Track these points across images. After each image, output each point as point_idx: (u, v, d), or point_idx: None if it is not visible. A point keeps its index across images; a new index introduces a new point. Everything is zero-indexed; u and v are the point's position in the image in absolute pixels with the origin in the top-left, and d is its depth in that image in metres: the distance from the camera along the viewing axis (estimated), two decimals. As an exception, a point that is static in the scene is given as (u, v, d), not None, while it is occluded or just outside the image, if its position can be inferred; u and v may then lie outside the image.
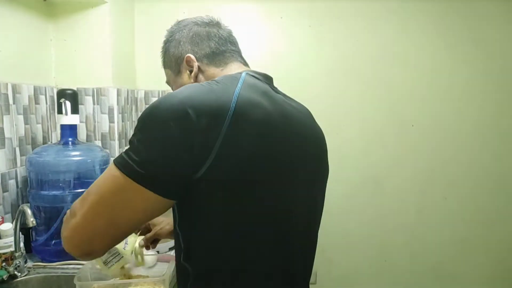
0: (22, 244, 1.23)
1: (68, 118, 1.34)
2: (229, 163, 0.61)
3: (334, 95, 1.88)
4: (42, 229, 1.30)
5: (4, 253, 1.18)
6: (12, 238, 1.18)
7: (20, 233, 1.19)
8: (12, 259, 1.18)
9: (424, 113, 1.87)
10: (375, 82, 1.87)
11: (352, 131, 1.90)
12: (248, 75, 0.73)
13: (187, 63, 0.80)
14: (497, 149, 1.87)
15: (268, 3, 1.85)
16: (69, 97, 1.35)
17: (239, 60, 0.83)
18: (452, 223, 1.92)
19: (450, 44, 1.83)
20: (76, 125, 1.40)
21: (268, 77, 0.79)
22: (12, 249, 1.18)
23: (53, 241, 1.29)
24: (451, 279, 1.96)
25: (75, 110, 1.38)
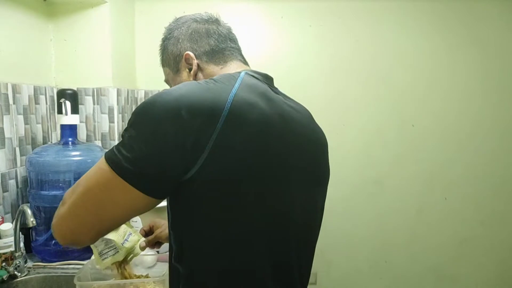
0: (22, 244, 1.23)
1: (68, 118, 1.34)
2: (222, 164, 0.60)
3: (334, 95, 1.88)
4: (42, 229, 1.30)
5: (4, 253, 1.18)
6: (12, 238, 1.18)
7: (20, 233, 1.19)
8: (12, 259, 1.18)
9: (424, 113, 1.87)
10: (375, 82, 1.87)
11: (352, 131, 1.90)
12: (247, 75, 0.72)
13: (186, 61, 0.79)
14: (497, 149, 1.87)
15: (269, 3, 1.85)
16: (69, 97, 1.35)
17: (239, 59, 0.82)
18: (453, 224, 1.92)
19: (450, 44, 1.83)
20: (76, 125, 1.40)
21: (268, 77, 0.78)
22: (12, 249, 1.18)
23: (53, 241, 1.29)
24: (452, 280, 1.95)
25: (75, 110, 1.38)
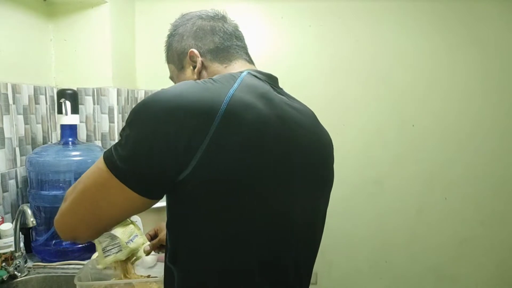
0: (22, 244, 1.23)
1: (68, 118, 1.34)
2: (217, 165, 0.59)
3: (334, 95, 1.88)
4: (42, 229, 1.30)
5: (4, 253, 1.18)
6: (12, 238, 1.18)
7: (20, 233, 1.19)
8: (12, 259, 1.17)
9: (425, 113, 1.87)
10: (375, 82, 1.86)
11: (352, 131, 1.90)
12: (249, 75, 0.71)
13: (190, 58, 0.78)
14: (498, 149, 1.87)
15: (269, 3, 1.85)
16: (69, 97, 1.35)
17: (244, 58, 0.81)
18: (453, 224, 1.92)
19: (450, 44, 1.83)
20: (76, 125, 1.40)
21: (272, 77, 0.77)
22: (12, 249, 1.18)
23: (53, 241, 1.29)
24: (452, 280, 1.95)
25: (75, 110, 1.38)
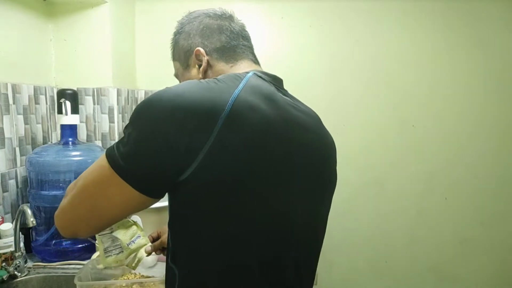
0: (22, 244, 1.23)
1: (68, 118, 1.34)
2: (220, 165, 0.59)
3: (334, 95, 1.88)
4: (42, 229, 1.30)
5: (4, 253, 1.18)
6: (12, 238, 1.18)
7: (20, 233, 1.19)
8: (12, 259, 1.17)
9: (425, 114, 1.87)
10: (376, 82, 1.86)
11: (353, 132, 1.89)
12: (254, 76, 0.70)
13: (196, 57, 0.78)
14: (498, 150, 1.87)
15: (269, 3, 1.85)
16: (69, 97, 1.35)
17: (250, 58, 0.81)
18: (453, 224, 1.91)
19: (451, 44, 1.83)
20: (76, 125, 1.40)
21: (277, 79, 0.77)
22: (12, 249, 1.18)
23: (53, 241, 1.29)
24: (452, 280, 1.95)
25: (75, 110, 1.38)
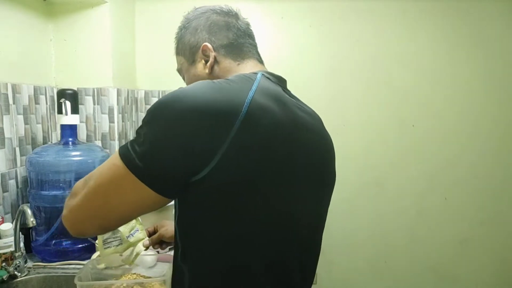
0: (22, 244, 1.23)
1: (68, 118, 1.34)
2: (233, 168, 0.60)
3: (335, 95, 1.88)
4: (42, 229, 1.30)
5: (4, 253, 1.18)
6: (12, 238, 1.18)
7: (20, 233, 1.19)
8: (12, 259, 1.17)
9: (425, 114, 1.87)
10: (376, 82, 1.86)
11: (353, 132, 1.89)
12: (263, 77, 0.71)
13: (203, 52, 0.78)
14: (498, 149, 1.87)
15: (269, 3, 1.85)
16: (69, 97, 1.35)
17: (256, 57, 0.82)
18: (453, 224, 1.92)
19: (452, 44, 1.83)
20: (76, 125, 1.40)
21: (282, 80, 0.78)
22: (12, 249, 1.18)
23: (53, 241, 1.29)
24: (452, 280, 1.95)
25: (75, 110, 1.38)
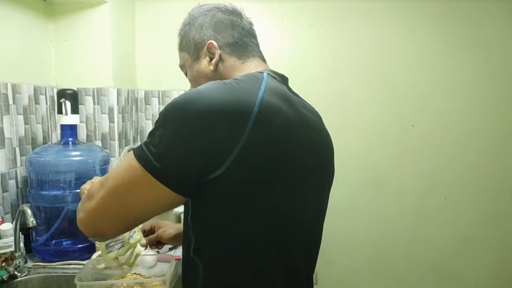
0: (22, 244, 1.23)
1: (68, 118, 1.34)
2: (247, 167, 0.62)
3: (335, 95, 1.88)
4: (42, 229, 1.30)
5: (4, 253, 1.18)
6: (12, 238, 1.18)
7: (20, 233, 1.19)
8: (12, 259, 1.17)
9: (425, 114, 1.87)
10: (376, 82, 1.86)
11: (353, 132, 1.89)
12: (269, 76, 0.73)
13: (208, 50, 0.79)
14: (498, 149, 1.87)
15: (269, 3, 1.85)
16: (69, 97, 1.34)
17: (259, 56, 0.84)
18: (453, 224, 1.92)
19: (452, 44, 1.83)
20: (76, 125, 1.40)
21: (285, 78, 0.80)
22: (12, 249, 1.18)
23: (53, 241, 1.29)
24: (452, 280, 1.95)
25: (75, 110, 1.38)
